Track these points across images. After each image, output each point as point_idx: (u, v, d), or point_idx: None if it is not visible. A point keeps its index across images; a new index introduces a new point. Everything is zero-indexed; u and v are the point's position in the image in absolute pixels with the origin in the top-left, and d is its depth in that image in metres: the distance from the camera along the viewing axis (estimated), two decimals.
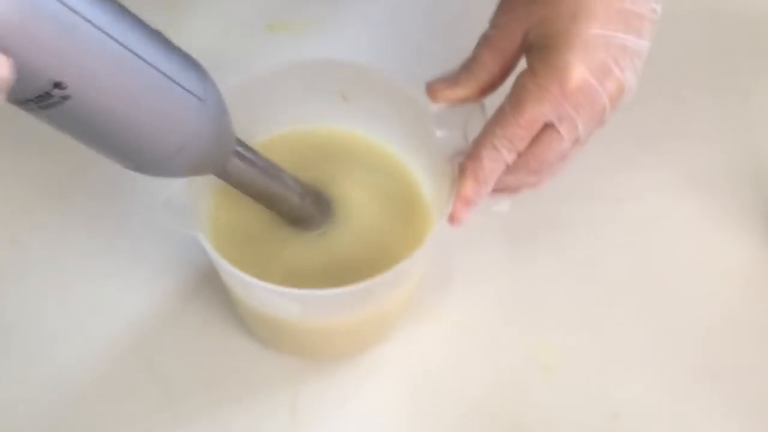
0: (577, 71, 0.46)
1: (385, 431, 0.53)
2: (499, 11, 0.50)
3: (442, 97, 0.51)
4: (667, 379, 0.55)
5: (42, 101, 0.35)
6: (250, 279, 0.46)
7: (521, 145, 0.48)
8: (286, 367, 0.55)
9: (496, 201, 0.54)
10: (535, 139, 0.48)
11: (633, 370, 0.55)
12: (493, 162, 0.48)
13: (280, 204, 0.52)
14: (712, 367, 0.56)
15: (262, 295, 0.49)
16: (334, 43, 0.67)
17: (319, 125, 0.56)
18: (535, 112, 0.47)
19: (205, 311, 0.56)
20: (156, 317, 0.56)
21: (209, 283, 0.57)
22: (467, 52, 0.51)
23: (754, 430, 0.54)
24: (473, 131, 0.50)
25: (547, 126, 0.48)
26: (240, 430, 0.53)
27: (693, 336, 0.57)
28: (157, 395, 0.53)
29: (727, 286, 0.59)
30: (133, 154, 0.41)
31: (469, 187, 0.49)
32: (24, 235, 0.59)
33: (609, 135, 0.52)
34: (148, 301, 0.56)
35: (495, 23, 0.50)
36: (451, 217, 0.49)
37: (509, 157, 0.48)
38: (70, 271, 0.58)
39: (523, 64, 0.49)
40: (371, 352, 0.55)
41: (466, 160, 0.49)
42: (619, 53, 0.47)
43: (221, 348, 0.55)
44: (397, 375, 0.55)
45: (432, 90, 0.51)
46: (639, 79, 0.49)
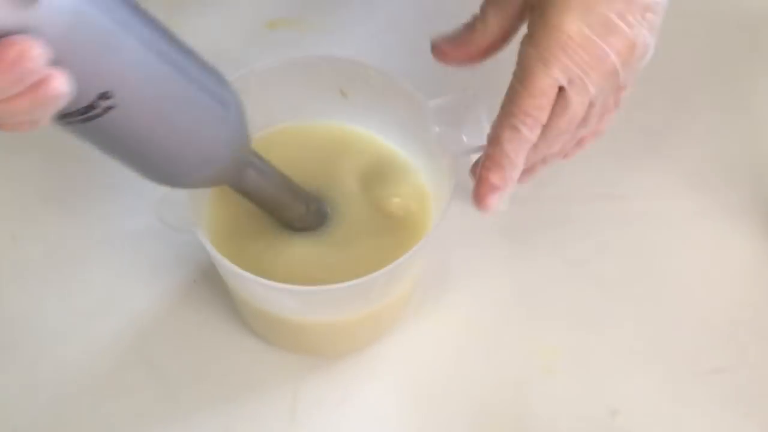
0: (576, 28, 0.44)
1: (384, 429, 0.53)
2: None
3: (447, 57, 0.50)
4: (667, 378, 0.55)
5: (86, 113, 0.35)
6: (250, 276, 0.46)
7: (542, 116, 0.46)
8: (286, 365, 0.55)
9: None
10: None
11: (632, 368, 0.55)
12: (513, 142, 0.46)
13: (286, 212, 0.52)
14: (712, 366, 0.56)
15: (262, 292, 0.49)
16: (334, 40, 0.67)
17: (317, 121, 0.56)
18: (545, 78, 0.45)
19: (204, 309, 0.56)
20: (156, 315, 0.56)
21: (209, 281, 0.57)
22: None
23: (754, 429, 0.54)
24: (471, 126, 0.50)
25: (560, 90, 0.45)
26: (240, 428, 0.53)
27: (693, 335, 0.57)
28: (157, 393, 0.53)
29: (727, 285, 0.59)
30: (163, 165, 0.41)
31: (491, 173, 0.47)
32: (24, 235, 0.59)
33: (609, 134, 0.52)
34: (148, 300, 0.56)
35: None
36: (481, 204, 0.48)
37: (531, 133, 0.46)
38: (70, 271, 0.58)
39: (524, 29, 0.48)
40: (371, 350, 0.55)
41: (487, 146, 0.48)
42: (624, 7, 0.45)
43: (221, 346, 0.55)
44: (397, 373, 0.55)
45: (436, 49, 0.50)
46: (656, 35, 0.46)
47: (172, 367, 0.54)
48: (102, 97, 0.35)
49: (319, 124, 0.57)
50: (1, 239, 0.59)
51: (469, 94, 0.51)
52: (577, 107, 0.46)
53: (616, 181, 0.62)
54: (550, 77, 0.45)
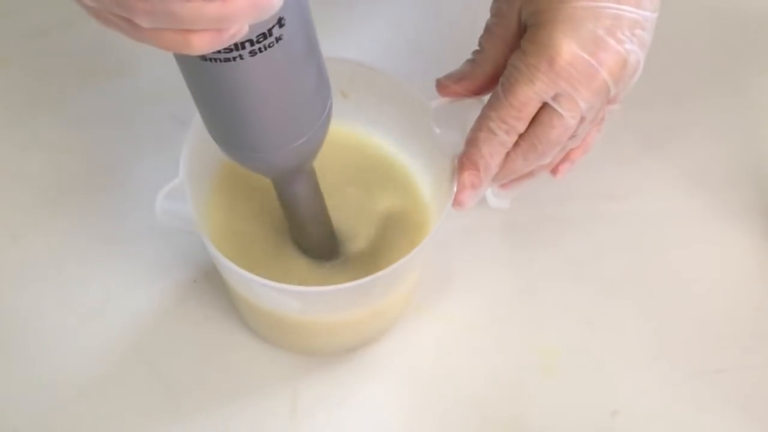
0: (565, 46, 0.45)
1: (384, 428, 0.53)
2: None
3: (451, 92, 0.51)
4: (667, 378, 0.55)
5: (259, 42, 0.37)
6: (250, 275, 0.46)
7: (518, 126, 0.47)
8: (286, 364, 0.55)
9: (506, 193, 0.54)
10: (535, 120, 0.47)
11: (632, 368, 0.55)
12: (490, 145, 0.48)
13: (306, 230, 0.52)
14: (711, 365, 0.56)
15: (262, 292, 0.49)
16: (335, 41, 0.67)
17: None
18: (527, 92, 0.46)
19: (204, 308, 0.56)
20: (156, 315, 0.56)
21: (209, 281, 0.57)
22: (468, 51, 0.51)
23: (754, 429, 0.54)
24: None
25: (546, 105, 0.47)
26: (240, 427, 0.53)
27: (693, 335, 0.57)
28: (158, 392, 0.53)
29: (727, 284, 0.59)
30: (270, 126, 0.42)
31: (466, 172, 0.49)
32: (24, 235, 0.59)
33: (609, 135, 0.52)
34: (148, 299, 0.56)
35: (494, 11, 0.50)
36: (454, 201, 0.49)
37: (507, 138, 0.48)
38: (69, 271, 0.58)
39: None
40: (371, 350, 0.55)
41: (465, 146, 0.49)
42: (612, 23, 0.45)
43: (221, 345, 0.55)
44: (397, 373, 0.55)
45: (441, 86, 0.51)
46: (646, 51, 0.47)
47: (172, 367, 0.54)
48: (279, 23, 0.36)
49: None
50: (1, 239, 0.59)
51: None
52: (567, 121, 0.47)
53: (616, 182, 0.62)
54: (533, 92, 0.46)
